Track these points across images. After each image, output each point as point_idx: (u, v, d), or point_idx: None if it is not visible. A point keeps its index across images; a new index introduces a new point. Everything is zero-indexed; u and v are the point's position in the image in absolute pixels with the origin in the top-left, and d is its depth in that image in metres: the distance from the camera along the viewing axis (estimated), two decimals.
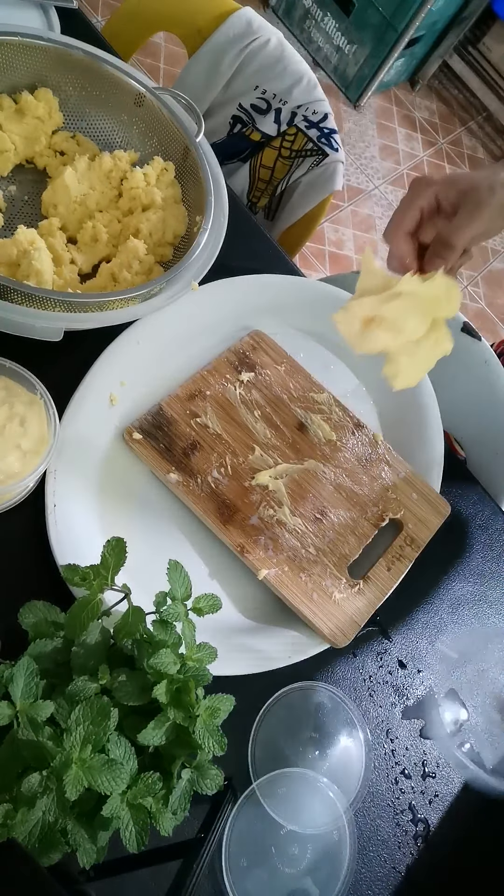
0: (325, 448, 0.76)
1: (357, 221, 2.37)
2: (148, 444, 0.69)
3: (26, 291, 0.63)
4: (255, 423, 0.75)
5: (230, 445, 0.72)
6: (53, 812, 0.45)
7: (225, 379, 0.76)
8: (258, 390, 0.77)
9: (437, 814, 0.68)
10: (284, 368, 0.80)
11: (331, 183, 1.15)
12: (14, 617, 0.53)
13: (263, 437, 0.74)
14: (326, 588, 0.68)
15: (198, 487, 0.69)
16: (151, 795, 0.48)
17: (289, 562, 0.68)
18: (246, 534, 0.68)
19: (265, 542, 0.68)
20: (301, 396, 0.78)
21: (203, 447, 0.71)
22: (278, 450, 0.74)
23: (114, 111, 0.85)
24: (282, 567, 0.68)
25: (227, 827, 0.59)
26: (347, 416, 0.79)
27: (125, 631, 0.52)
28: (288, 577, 0.67)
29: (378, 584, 0.70)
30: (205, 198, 0.79)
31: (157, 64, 2.30)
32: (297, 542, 0.70)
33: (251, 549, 0.67)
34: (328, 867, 0.61)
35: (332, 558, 0.70)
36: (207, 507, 0.68)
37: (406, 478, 0.77)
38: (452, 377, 1.04)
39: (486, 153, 2.87)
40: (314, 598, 0.67)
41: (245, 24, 1.10)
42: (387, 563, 0.71)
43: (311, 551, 0.70)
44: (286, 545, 0.69)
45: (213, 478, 0.70)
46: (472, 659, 0.77)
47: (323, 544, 0.70)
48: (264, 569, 0.67)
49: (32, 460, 0.60)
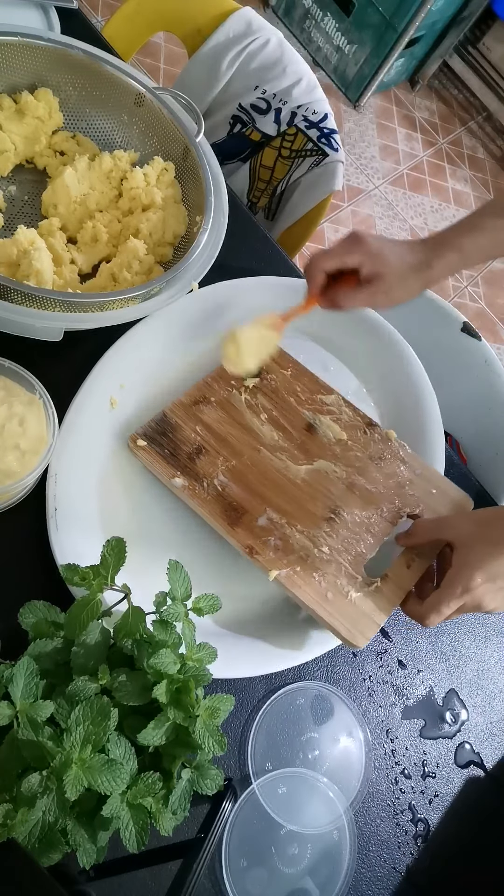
0: (335, 448, 0.75)
1: (357, 221, 2.37)
2: (153, 451, 0.69)
3: (26, 291, 0.63)
4: (261, 426, 0.74)
5: (236, 449, 0.72)
6: (53, 812, 0.45)
7: (230, 384, 0.76)
8: (264, 395, 0.76)
9: (437, 814, 0.68)
10: (290, 372, 0.79)
11: (331, 183, 1.15)
12: (14, 617, 0.53)
13: (270, 439, 0.74)
14: (342, 587, 0.65)
15: (204, 491, 0.68)
16: (151, 795, 0.48)
17: (300, 562, 0.66)
18: (254, 535, 0.67)
19: (275, 542, 0.67)
20: (309, 399, 0.78)
21: (209, 451, 0.71)
22: (286, 451, 0.73)
23: (114, 111, 0.85)
24: (293, 567, 0.66)
25: (227, 827, 0.59)
26: (358, 416, 0.78)
27: (125, 631, 0.52)
28: (300, 577, 0.65)
29: (397, 582, 0.67)
30: (205, 198, 0.79)
31: (157, 64, 2.30)
32: (308, 541, 0.68)
33: (260, 550, 0.66)
34: (328, 867, 0.61)
35: (347, 557, 0.67)
36: (214, 509, 0.68)
37: (423, 474, 0.75)
38: (452, 377, 1.04)
39: (486, 153, 2.87)
40: (329, 598, 0.65)
41: (245, 24, 1.10)
42: (406, 560, 0.68)
43: (325, 550, 0.67)
44: (297, 545, 0.67)
45: (220, 481, 0.69)
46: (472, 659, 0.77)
47: (337, 543, 0.68)
48: (275, 569, 0.65)
49: (31, 460, 0.60)
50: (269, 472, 0.71)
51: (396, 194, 2.53)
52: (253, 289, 0.83)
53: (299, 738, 0.65)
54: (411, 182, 2.59)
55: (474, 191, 2.73)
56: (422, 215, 2.54)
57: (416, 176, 2.62)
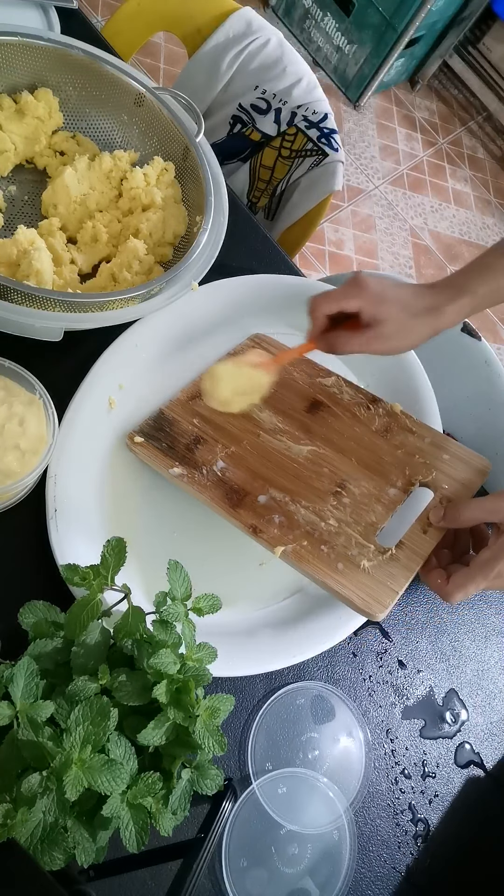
0: (337, 426, 0.74)
1: (357, 221, 2.37)
2: (150, 446, 0.69)
3: (26, 291, 0.63)
4: (259, 413, 0.73)
5: (235, 436, 0.71)
6: (53, 812, 0.45)
7: None
8: None
9: (437, 814, 0.68)
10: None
11: (331, 183, 1.15)
12: (14, 617, 0.53)
13: (270, 424, 0.73)
14: (353, 557, 0.62)
15: (203, 477, 0.67)
16: (151, 795, 0.48)
17: (307, 536, 0.64)
18: (257, 514, 0.65)
19: (279, 520, 0.65)
20: (308, 383, 0.77)
21: (207, 440, 0.70)
22: (287, 433, 0.72)
23: (114, 111, 0.85)
24: (300, 542, 0.63)
25: (227, 827, 0.59)
26: (360, 394, 0.77)
27: (125, 631, 0.52)
28: (308, 552, 0.63)
29: (414, 549, 0.63)
30: (205, 198, 0.79)
31: (157, 64, 2.30)
32: (314, 516, 0.65)
33: (264, 529, 0.64)
34: (328, 867, 0.61)
35: (357, 528, 0.65)
36: (215, 494, 0.66)
37: (433, 441, 0.73)
38: (452, 377, 1.04)
39: (486, 153, 2.87)
40: (339, 569, 0.62)
41: (245, 24, 1.10)
42: (422, 525, 0.65)
43: (332, 523, 0.65)
44: (303, 521, 0.65)
45: (219, 466, 0.68)
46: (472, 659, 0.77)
47: (345, 515, 0.66)
48: (280, 545, 0.63)
49: (31, 460, 0.60)
50: (270, 454, 0.70)
51: (396, 194, 2.53)
52: (253, 288, 0.83)
53: (299, 738, 0.65)
54: (411, 182, 2.59)
55: (474, 191, 2.73)
56: (422, 215, 2.54)
57: (416, 176, 2.62)
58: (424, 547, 0.64)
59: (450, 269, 2.48)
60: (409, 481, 0.69)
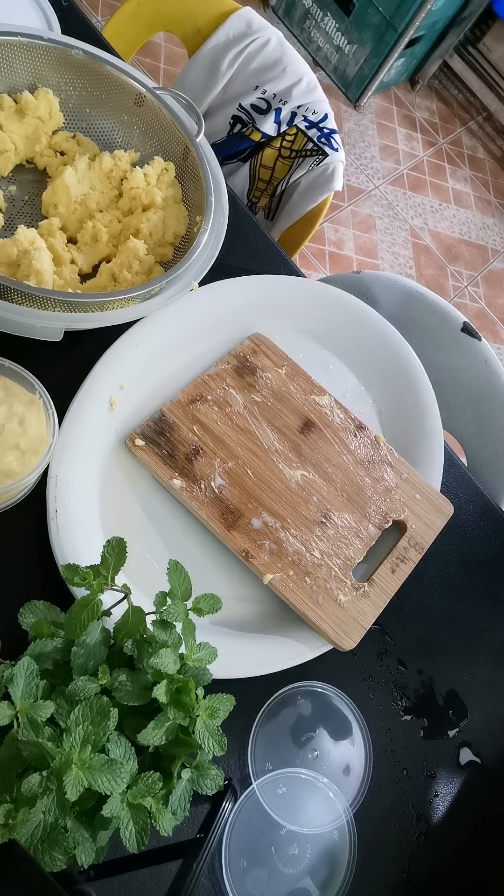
0: (327, 451, 0.76)
1: (357, 221, 2.37)
2: (150, 451, 0.69)
3: (26, 291, 0.63)
4: (257, 427, 0.75)
5: (233, 450, 0.73)
6: (53, 812, 0.45)
7: (226, 383, 0.76)
8: (259, 394, 0.77)
9: (437, 814, 0.68)
10: (285, 371, 0.79)
11: (331, 183, 1.15)
12: (14, 617, 0.53)
13: (266, 440, 0.74)
14: (331, 591, 0.68)
15: (201, 493, 0.69)
16: (151, 795, 0.48)
17: (293, 566, 0.68)
18: (250, 539, 0.68)
19: (269, 546, 0.68)
20: (303, 399, 0.78)
21: (206, 452, 0.71)
22: (281, 455, 0.74)
23: (114, 111, 0.85)
24: (286, 571, 0.68)
25: (227, 827, 0.59)
26: (349, 419, 0.79)
27: (125, 631, 0.52)
28: (293, 582, 0.67)
29: (382, 587, 0.70)
30: (205, 198, 0.79)
31: (157, 64, 2.30)
32: (301, 545, 0.70)
33: (255, 554, 0.68)
34: (328, 867, 0.61)
35: (336, 561, 0.70)
36: (211, 512, 0.68)
37: (408, 479, 0.77)
38: (452, 377, 1.04)
39: (486, 153, 2.87)
40: (319, 602, 0.67)
41: (245, 24, 1.10)
42: (391, 565, 0.71)
43: (316, 555, 0.70)
44: (290, 549, 0.69)
45: (217, 483, 0.70)
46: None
47: (327, 547, 0.70)
48: (269, 573, 0.67)
49: (31, 460, 0.60)
50: (265, 474, 0.73)
51: (396, 194, 2.53)
52: (253, 288, 0.83)
53: (299, 738, 0.65)
54: (411, 182, 2.59)
55: (474, 191, 2.74)
56: (422, 215, 2.54)
57: (416, 176, 2.62)
58: (392, 586, 0.71)
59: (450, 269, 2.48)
60: (384, 518, 0.75)
